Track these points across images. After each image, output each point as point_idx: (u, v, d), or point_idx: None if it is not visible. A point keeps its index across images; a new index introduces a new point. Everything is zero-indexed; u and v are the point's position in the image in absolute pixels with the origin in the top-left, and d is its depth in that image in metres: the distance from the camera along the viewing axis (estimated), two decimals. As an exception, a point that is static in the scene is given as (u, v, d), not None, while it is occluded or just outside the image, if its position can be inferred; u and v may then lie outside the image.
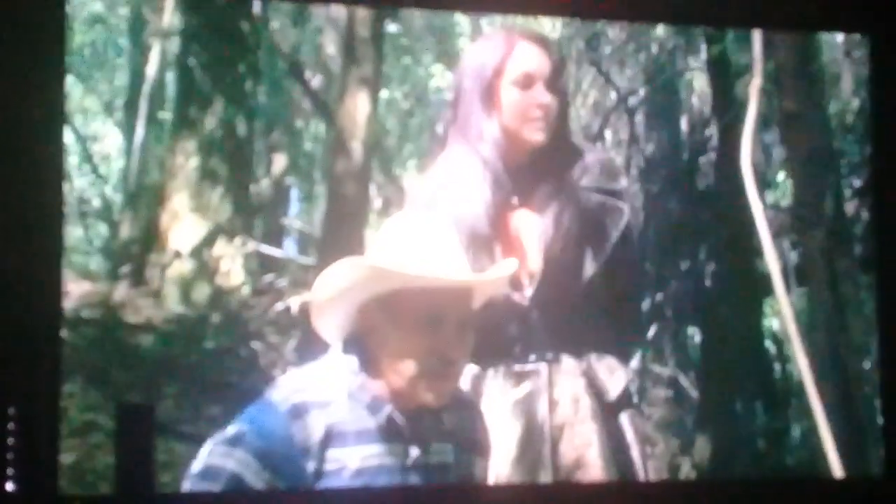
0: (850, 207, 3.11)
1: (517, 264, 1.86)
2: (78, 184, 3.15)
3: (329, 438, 1.71)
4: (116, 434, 2.12)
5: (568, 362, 2.04)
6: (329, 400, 1.73)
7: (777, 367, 3.20)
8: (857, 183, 3.14)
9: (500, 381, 2.03)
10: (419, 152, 3.25)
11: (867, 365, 3.00)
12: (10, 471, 1.99)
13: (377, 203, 3.21)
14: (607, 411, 2.05)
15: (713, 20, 2.83)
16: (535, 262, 2.03)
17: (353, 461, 1.72)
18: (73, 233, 3.10)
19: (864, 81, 2.91)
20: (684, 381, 3.21)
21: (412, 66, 3.28)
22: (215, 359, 2.92)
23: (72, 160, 3.13)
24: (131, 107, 3.20)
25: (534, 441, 2.01)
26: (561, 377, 2.03)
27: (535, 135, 2.02)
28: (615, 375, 2.08)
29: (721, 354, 3.16)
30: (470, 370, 1.99)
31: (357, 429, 1.72)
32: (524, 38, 2.05)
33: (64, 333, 2.57)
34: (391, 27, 3.21)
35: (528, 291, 2.01)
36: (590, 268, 2.03)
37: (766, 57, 2.83)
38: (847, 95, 3.17)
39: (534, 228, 2.05)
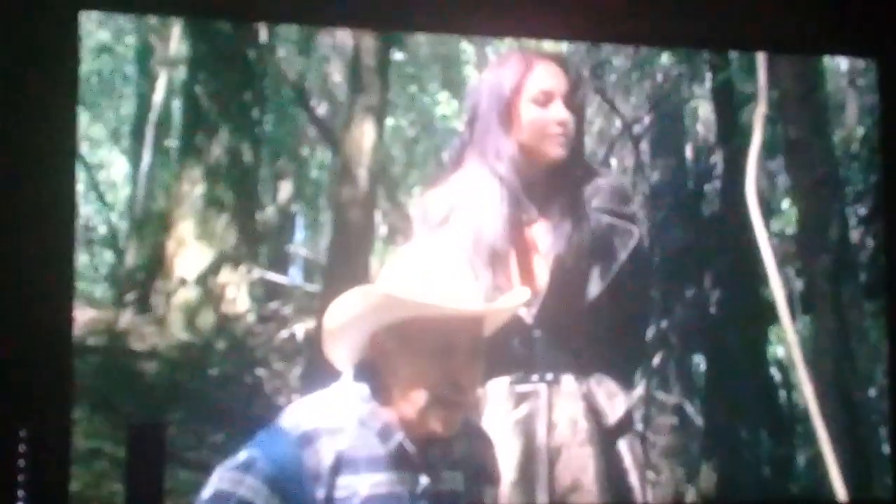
0: (855, 235, 3.10)
1: (529, 293, 1.86)
2: (84, 211, 3.12)
3: (339, 465, 1.72)
4: (127, 454, 2.19)
5: (568, 384, 2.07)
6: (340, 427, 1.75)
7: (782, 394, 3.18)
8: (863, 211, 3.13)
9: (501, 399, 2.07)
10: (424, 180, 3.21)
11: (873, 392, 2.98)
12: (20, 493, 2.07)
13: (382, 230, 3.20)
14: (606, 436, 2.09)
15: (721, 44, 2.89)
16: (543, 279, 2.08)
17: (363, 488, 1.73)
18: (79, 260, 3.07)
19: (869, 109, 2.92)
20: (689, 409, 3.18)
21: (418, 93, 3.27)
22: (220, 386, 2.90)
23: (78, 188, 3.11)
24: (138, 135, 3.20)
25: (531, 462, 2.04)
26: (560, 399, 2.07)
27: (555, 150, 2.09)
28: (615, 400, 2.10)
29: (726, 382, 3.14)
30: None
31: (367, 456, 1.74)
32: (541, 58, 2.13)
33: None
34: (397, 55, 3.20)
35: (533, 309, 2.05)
36: (595, 287, 2.08)
37: (771, 85, 2.84)
38: (852, 123, 3.16)
39: (544, 245, 2.11)
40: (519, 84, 2.10)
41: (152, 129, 3.19)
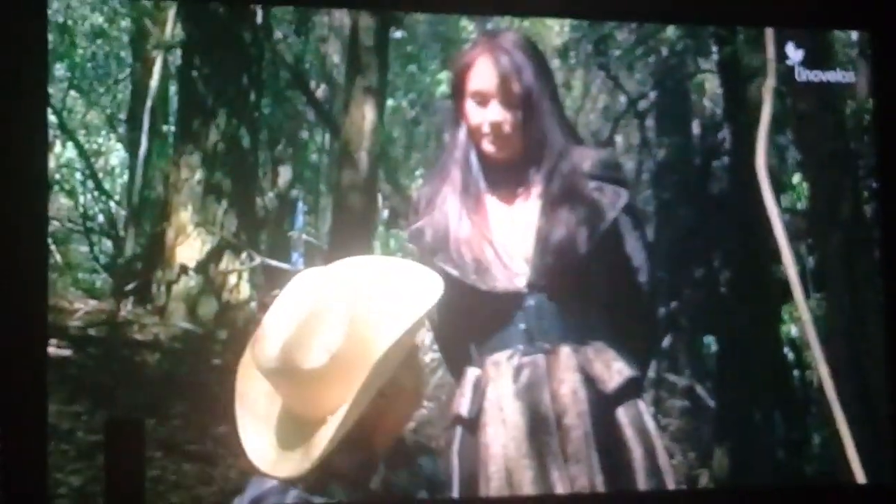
0: (868, 210, 3.07)
1: (438, 291, 1.76)
2: (82, 200, 3.13)
3: None
4: (106, 450, 2.12)
5: (565, 354, 2.06)
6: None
7: (796, 374, 3.17)
8: (875, 185, 3.11)
9: (501, 374, 2.06)
10: (426, 161, 3.25)
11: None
12: None
13: (384, 213, 3.19)
14: (604, 406, 2.06)
15: (720, 18, 2.87)
16: (530, 251, 2.08)
17: None
18: (78, 250, 3.10)
19: None
20: (701, 391, 3.18)
21: (418, 73, 3.27)
22: (223, 376, 2.89)
23: (77, 176, 3.12)
24: (134, 121, 3.17)
25: (540, 433, 2.02)
26: (559, 369, 2.05)
27: (490, 148, 2.09)
28: (613, 369, 2.08)
29: (738, 363, 3.14)
30: (479, 362, 2.08)
31: None
32: (486, 52, 2.08)
33: (60, 352, 2.67)
34: (396, 34, 3.19)
35: (524, 278, 2.05)
36: (583, 246, 2.05)
37: (779, 58, 2.82)
38: (862, 96, 3.13)
39: (530, 217, 2.10)
40: (460, 83, 2.12)
41: (148, 115, 3.16)
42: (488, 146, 2.10)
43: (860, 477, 2.56)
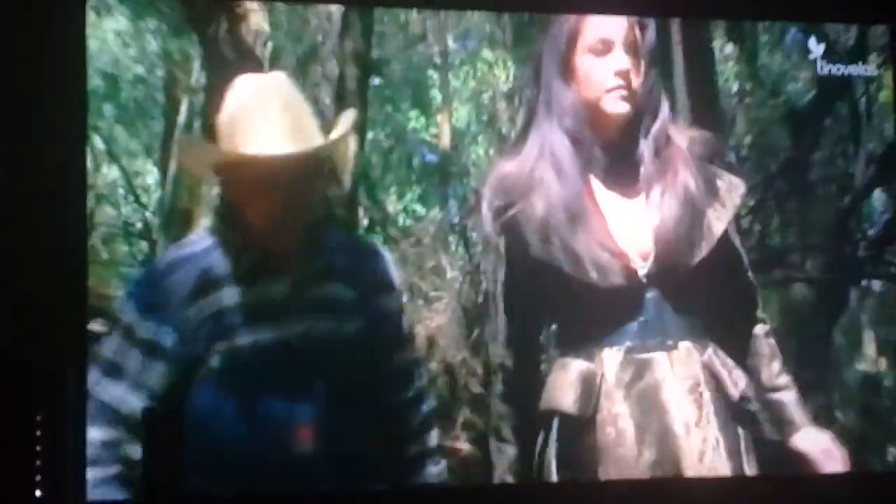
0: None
1: (353, 115, 1.72)
2: (124, 210, 3.52)
3: (204, 284, 1.87)
4: (144, 437, 2.04)
5: (687, 351, 1.86)
6: (203, 249, 1.89)
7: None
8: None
9: (618, 369, 1.87)
10: (398, 180, 3.50)
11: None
12: (38, 477, 2.02)
13: (364, 221, 3.47)
14: (728, 411, 1.90)
15: (739, 14, 2.71)
16: (648, 241, 1.86)
17: (229, 300, 1.87)
18: (120, 250, 3.43)
19: (819, 79, 2.77)
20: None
21: (392, 112, 3.55)
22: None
23: (119, 191, 3.53)
24: (166, 148, 3.58)
25: (666, 437, 1.86)
26: (681, 367, 1.86)
27: (617, 105, 1.81)
28: (735, 373, 1.89)
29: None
30: (587, 355, 1.87)
31: (230, 271, 1.88)
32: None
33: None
34: (375, 81, 3.54)
35: (645, 269, 1.84)
36: (708, 242, 1.82)
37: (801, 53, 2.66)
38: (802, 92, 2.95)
39: (643, 203, 1.87)
40: (575, 33, 1.80)
41: (177, 144, 3.58)
42: (613, 104, 1.75)
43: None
